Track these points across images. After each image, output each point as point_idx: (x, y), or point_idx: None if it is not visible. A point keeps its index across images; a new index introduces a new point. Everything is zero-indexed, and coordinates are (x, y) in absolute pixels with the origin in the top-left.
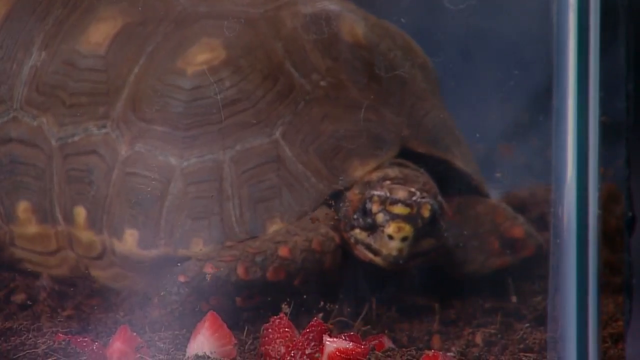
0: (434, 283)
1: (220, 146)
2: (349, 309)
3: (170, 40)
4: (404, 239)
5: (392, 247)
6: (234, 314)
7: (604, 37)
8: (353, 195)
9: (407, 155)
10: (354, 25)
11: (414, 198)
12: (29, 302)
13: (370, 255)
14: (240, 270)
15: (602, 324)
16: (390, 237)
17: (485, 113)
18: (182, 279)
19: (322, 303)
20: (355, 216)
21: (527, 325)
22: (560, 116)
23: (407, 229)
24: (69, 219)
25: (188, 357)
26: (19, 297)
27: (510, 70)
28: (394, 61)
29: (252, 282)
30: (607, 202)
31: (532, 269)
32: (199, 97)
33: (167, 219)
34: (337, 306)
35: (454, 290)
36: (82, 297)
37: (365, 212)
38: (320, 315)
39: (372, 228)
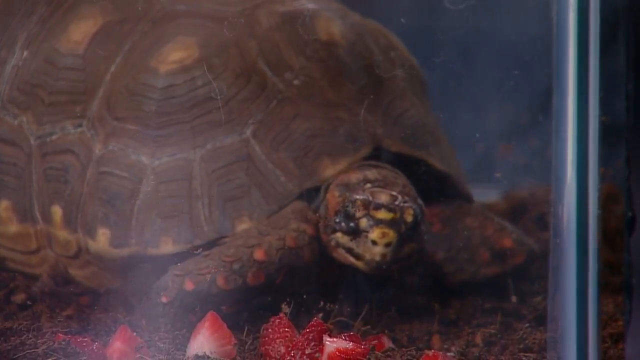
0: (433, 283)
1: (191, 145)
2: (349, 309)
3: (147, 38)
4: (387, 245)
5: (376, 252)
6: (234, 314)
7: (604, 37)
8: (332, 197)
9: (381, 154)
10: (330, 24)
11: (396, 202)
12: (29, 302)
13: (352, 259)
14: (220, 282)
15: (602, 324)
16: (374, 243)
17: (485, 113)
18: (164, 299)
19: (322, 303)
20: (337, 219)
21: (527, 325)
22: (560, 116)
23: (391, 235)
24: (47, 218)
25: (188, 357)
26: (19, 297)
27: (510, 70)
28: (371, 60)
29: (235, 289)
30: (607, 202)
31: (527, 270)
32: (171, 95)
33: (138, 218)
34: (337, 306)
35: (453, 291)
36: (81, 297)
37: (348, 217)
38: (320, 315)
39: (355, 233)
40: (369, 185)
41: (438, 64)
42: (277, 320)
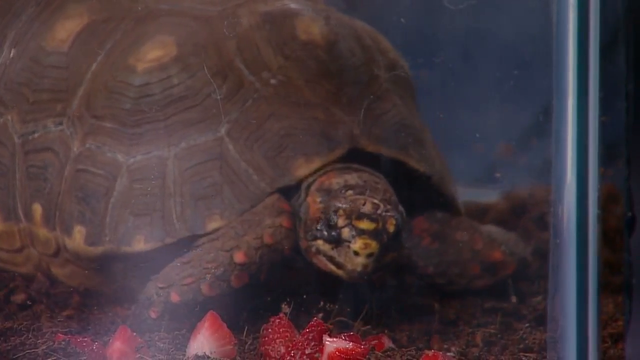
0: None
1: (166, 143)
2: (349, 309)
3: (128, 37)
4: (369, 255)
5: (358, 262)
6: (234, 314)
7: (604, 38)
8: (313, 202)
9: (358, 155)
10: (311, 24)
11: (379, 211)
12: (28, 302)
13: (333, 267)
14: (205, 289)
15: (602, 324)
16: (356, 253)
17: (485, 113)
18: (153, 315)
19: (322, 303)
20: (318, 227)
21: (527, 325)
22: (560, 116)
23: (374, 246)
24: (29, 216)
25: (188, 357)
26: (19, 297)
27: (510, 70)
28: (353, 61)
29: (220, 294)
30: (607, 202)
31: (520, 276)
32: (147, 93)
33: (112, 215)
34: (337, 306)
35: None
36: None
37: (330, 225)
38: (320, 315)
39: (337, 241)
40: (350, 192)
41: (438, 64)
42: (277, 320)
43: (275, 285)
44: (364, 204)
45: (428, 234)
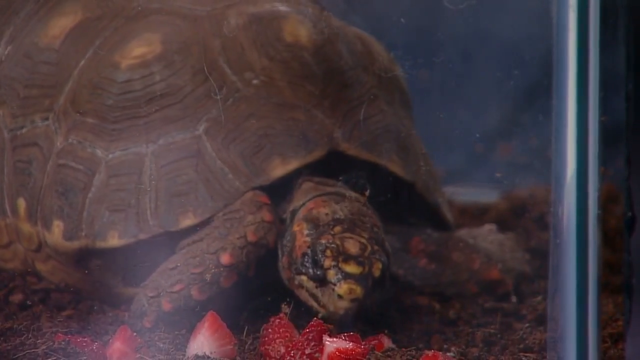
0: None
1: (144, 140)
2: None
3: (117, 34)
4: (353, 300)
5: (341, 306)
6: (234, 314)
7: (603, 37)
8: (300, 234)
9: (339, 158)
10: (298, 26)
11: (366, 253)
12: (28, 302)
13: (314, 305)
14: (195, 294)
15: (602, 324)
16: (340, 297)
17: (485, 113)
18: (147, 325)
19: None
20: (304, 262)
21: (527, 325)
22: (560, 116)
23: (359, 291)
24: (15, 211)
25: (188, 357)
26: (19, 297)
27: (510, 70)
28: (339, 65)
29: (212, 296)
30: (607, 202)
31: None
32: (129, 90)
33: (89, 210)
34: None
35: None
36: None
37: (316, 263)
38: (320, 315)
39: (322, 281)
40: (339, 227)
41: (438, 64)
42: (277, 320)
43: (274, 286)
44: (351, 245)
45: (425, 254)
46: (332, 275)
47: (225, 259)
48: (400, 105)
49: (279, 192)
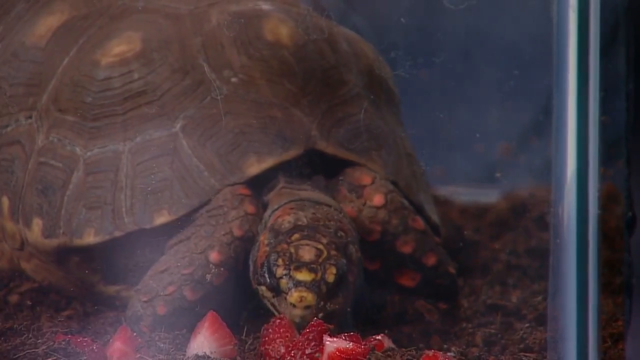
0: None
1: (122, 137)
2: (349, 309)
3: (101, 33)
4: (306, 307)
5: (295, 314)
6: (234, 314)
7: (604, 37)
8: (262, 244)
9: (318, 157)
10: (279, 25)
11: (320, 260)
12: (28, 302)
13: (275, 314)
14: (188, 295)
15: (602, 324)
16: (293, 305)
17: (485, 113)
18: (145, 329)
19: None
20: (262, 272)
21: (527, 325)
22: (560, 116)
23: (310, 298)
24: (0, 210)
25: (188, 357)
26: (13, 298)
27: (510, 70)
28: (321, 64)
29: (205, 295)
30: (607, 202)
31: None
32: (108, 88)
33: (67, 208)
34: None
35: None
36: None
37: (271, 273)
38: (321, 315)
39: (277, 291)
40: (297, 235)
41: (438, 64)
42: (277, 320)
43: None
44: (305, 252)
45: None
46: (284, 284)
47: (213, 257)
48: (386, 105)
49: (261, 190)
